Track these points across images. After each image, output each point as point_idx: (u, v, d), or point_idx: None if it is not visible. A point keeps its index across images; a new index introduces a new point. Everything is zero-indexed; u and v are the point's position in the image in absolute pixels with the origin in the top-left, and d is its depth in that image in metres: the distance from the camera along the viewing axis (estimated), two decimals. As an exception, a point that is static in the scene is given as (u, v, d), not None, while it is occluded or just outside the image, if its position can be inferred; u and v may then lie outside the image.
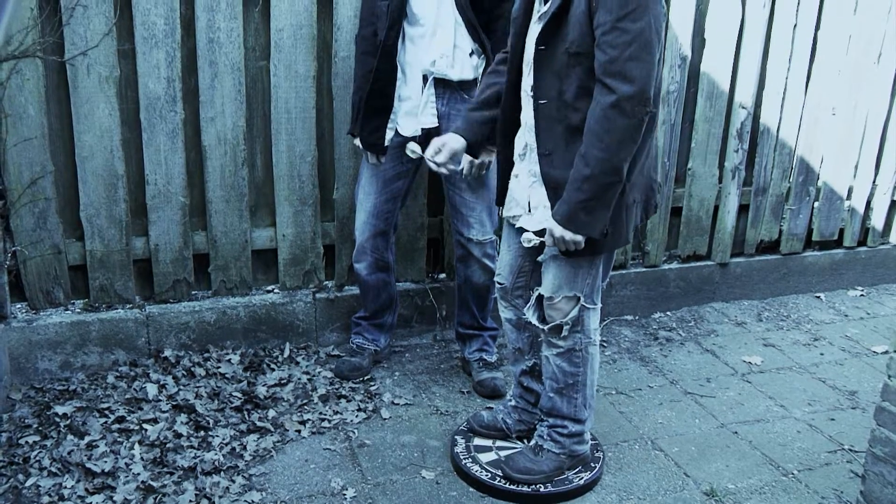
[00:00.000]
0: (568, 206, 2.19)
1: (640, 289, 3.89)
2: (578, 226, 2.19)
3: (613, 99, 2.08)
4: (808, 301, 4.23)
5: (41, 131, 2.90)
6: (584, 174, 2.14)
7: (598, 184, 2.14)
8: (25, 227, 2.97)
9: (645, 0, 2.08)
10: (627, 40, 2.06)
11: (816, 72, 4.00)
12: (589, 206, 2.17)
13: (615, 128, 2.10)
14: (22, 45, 2.79)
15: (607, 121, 2.10)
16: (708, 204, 3.94)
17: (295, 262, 3.35)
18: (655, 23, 2.10)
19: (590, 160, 2.13)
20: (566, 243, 2.23)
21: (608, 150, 2.11)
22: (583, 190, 2.15)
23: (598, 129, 2.11)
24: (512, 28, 2.38)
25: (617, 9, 2.06)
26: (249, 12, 3.06)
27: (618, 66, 2.07)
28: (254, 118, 3.18)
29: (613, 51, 2.07)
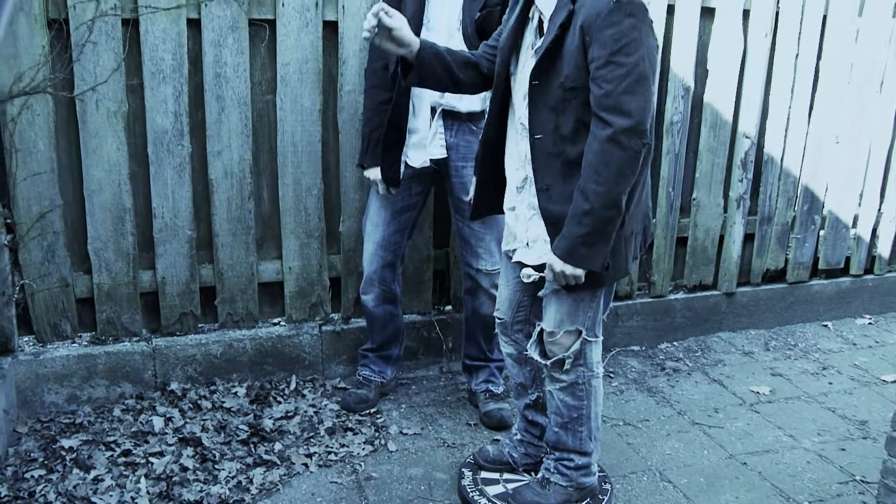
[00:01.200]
0: (568, 240, 2.19)
1: (647, 319, 3.88)
2: (579, 260, 2.20)
3: (610, 132, 2.09)
4: (816, 330, 4.21)
5: (50, 166, 2.93)
6: (583, 208, 2.15)
7: (598, 217, 2.15)
8: (34, 260, 2.99)
9: (638, 34, 2.10)
10: (622, 74, 2.08)
11: (819, 100, 4.03)
12: (589, 240, 2.17)
13: (613, 161, 2.11)
14: (33, 81, 2.83)
15: (605, 154, 2.11)
16: (713, 234, 3.94)
17: (301, 295, 3.36)
18: (649, 55, 2.12)
19: (589, 194, 2.13)
20: (567, 278, 2.23)
21: (607, 184, 2.12)
22: (583, 224, 2.16)
23: (596, 163, 2.12)
24: (498, 57, 2.39)
25: (611, 43, 2.08)
26: (256, 47, 3.10)
27: (613, 100, 2.09)
28: (260, 152, 3.21)
29: (609, 85, 2.08)
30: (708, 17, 3.69)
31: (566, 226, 2.20)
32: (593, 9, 2.10)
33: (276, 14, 3.06)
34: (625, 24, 2.08)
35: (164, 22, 2.94)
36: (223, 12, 2.99)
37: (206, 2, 2.97)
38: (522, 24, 2.34)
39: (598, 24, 2.08)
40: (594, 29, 2.09)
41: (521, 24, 2.34)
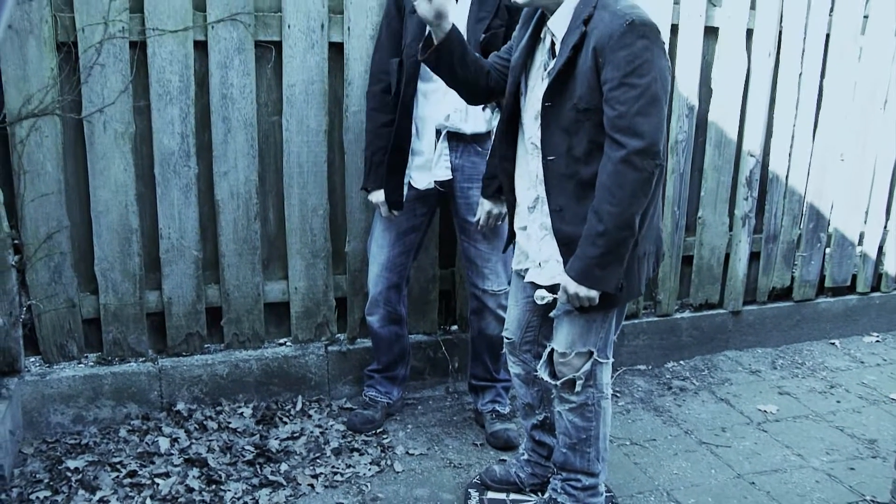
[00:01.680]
0: (582, 261, 2.19)
1: (653, 338, 3.87)
2: (593, 281, 2.20)
3: (623, 153, 2.10)
4: (823, 348, 4.20)
5: (58, 187, 2.95)
6: (597, 230, 2.15)
7: (612, 238, 2.15)
8: (41, 281, 3.00)
9: (651, 55, 2.11)
10: (635, 95, 2.09)
11: (823, 118, 4.03)
12: (603, 262, 2.17)
13: (626, 182, 2.11)
14: (42, 103, 2.86)
15: (618, 175, 2.12)
16: (719, 252, 3.94)
17: (307, 315, 3.36)
18: (661, 77, 2.14)
19: (603, 215, 2.14)
20: (581, 300, 2.23)
21: (620, 205, 2.13)
22: (597, 245, 2.16)
23: (609, 184, 2.13)
24: (510, 77, 2.40)
25: (624, 65, 2.09)
26: (262, 69, 3.12)
27: (626, 122, 2.10)
28: (266, 172, 3.22)
29: (622, 106, 2.10)
30: (711, 37, 3.71)
31: (580, 247, 2.20)
32: (606, 31, 2.11)
33: (281, 36, 3.08)
34: (637, 46, 2.09)
35: (171, 44, 2.96)
36: (229, 34, 3.02)
37: (212, 24, 2.99)
38: (534, 45, 2.36)
39: (610, 46, 2.10)
40: (607, 51, 2.11)
41: (533, 45, 2.36)
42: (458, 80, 2.44)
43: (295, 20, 3.07)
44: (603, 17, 2.15)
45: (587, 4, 2.19)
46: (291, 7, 3.06)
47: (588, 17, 2.17)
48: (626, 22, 2.10)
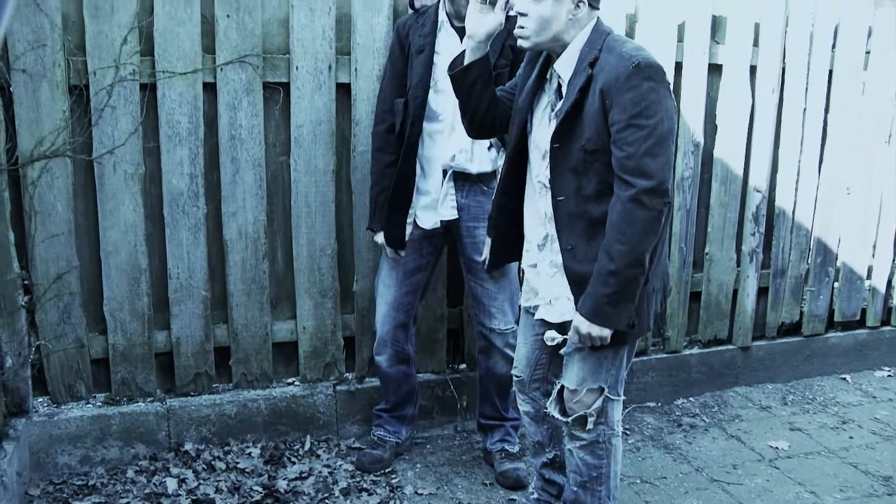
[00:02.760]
0: (594, 300, 2.20)
1: (662, 375, 3.85)
2: (605, 320, 2.20)
3: (632, 193, 2.12)
4: (834, 383, 4.17)
5: (68, 227, 2.97)
6: (608, 268, 2.16)
7: (623, 277, 2.16)
8: (50, 321, 3.01)
9: (657, 96, 2.14)
10: (643, 136, 2.11)
11: (829, 153, 4.05)
12: (615, 300, 2.18)
13: (636, 221, 2.13)
14: (53, 145, 2.89)
15: (628, 214, 2.14)
16: (727, 288, 3.93)
17: (315, 355, 3.35)
18: (668, 117, 2.16)
19: (613, 254, 2.15)
20: (593, 339, 2.23)
21: (630, 243, 2.14)
22: (608, 284, 2.17)
23: (619, 223, 2.15)
24: (517, 117, 2.42)
25: (631, 107, 2.11)
26: (270, 110, 3.15)
27: (635, 162, 2.12)
28: (274, 212, 3.24)
29: (630, 147, 2.12)
30: (715, 74, 3.74)
31: (591, 285, 2.21)
32: (612, 73, 2.14)
33: (290, 77, 3.12)
34: (644, 88, 2.12)
35: (180, 86, 3.00)
36: (238, 76, 3.06)
37: (221, 66, 3.03)
38: (540, 86, 2.38)
39: (617, 88, 2.13)
40: (614, 92, 2.13)
41: (539, 86, 2.38)
42: (471, 105, 2.45)
43: (303, 62, 3.11)
44: (609, 60, 2.17)
45: (593, 47, 2.22)
46: (299, 49, 3.10)
47: (594, 59, 2.20)
48: (632, 64, 2.13)
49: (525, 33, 2.25)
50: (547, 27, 2.22)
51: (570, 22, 2.23)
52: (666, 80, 2.19)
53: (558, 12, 2.21)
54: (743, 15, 3.71)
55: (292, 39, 3.09)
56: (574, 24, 2.24)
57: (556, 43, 2.26)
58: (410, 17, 2.98)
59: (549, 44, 2.27)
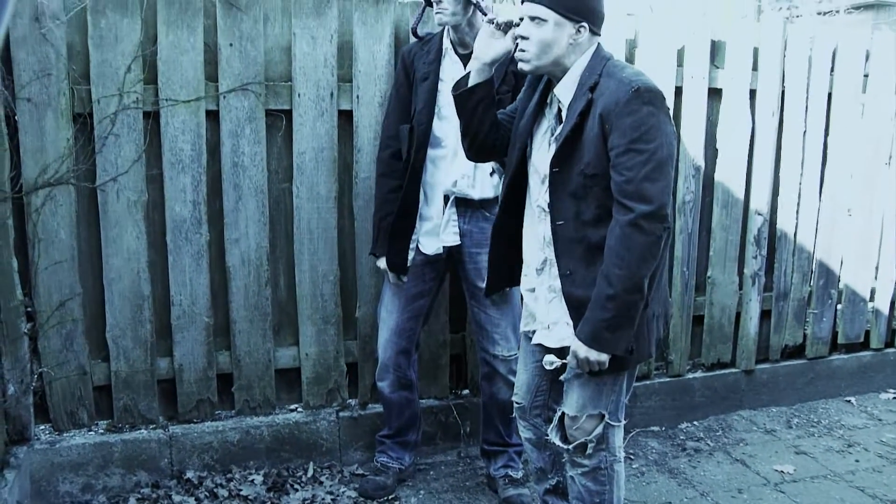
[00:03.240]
0: (592, 325, 2.19)
1: (666, 399, 3.84)
2: (603, 345, 2.19)
3: (631, 217, 2.12)
4: (839, 406, 4.15)
5: (71, 254, 2.98)
6: (607, 293, 2.16)
7: (622, 302, 2.16)
8: (53, 348, 3.01)
9: (656, 121, 2.15)
10: (642, 161, 2.12)
11: (829, 175, 4.07)
12: (613, 325, 2.17)
13: (635, 245, 2.13)
14: (57, 173, 2.91)
15: (626, 239, 2.14)
16: (730, 311, 3.93)
17: (318, 381, 3.35)
18: (667, 142, 2.17)
19: (612, 279, 2.15)
20: (591, 364, 2.22)
21: (629, 268, 2.14)
22: (607, 309, 2.17)
23: (618, 248, 2.15)
24: (517, 142, 2.43)
25: (630, 131, 2.12)
26: (272, 137, 3.17)
27: (634, 187, 2.12)
28: (277, 239, 3.25)
29: (629, 172, 2.12)
30: (715, 98, 3.76)
31: (589, 310, 2.21)
32: (612, 97, 2.15)
33: (292, 104, 3.14)
34: (643, 112, 2.13)
35: (183, 114, 3.03)
36: (241, 103, 3.08)
37: (224, 94, 3.06)
38: (540, 110, 2.39)
39: (616, 113, 2.14)
40: (613, 117, 2.14)
41: (539, 110, 2.39)
42: (473, 127, 2.47)
43: (305, 89, 3.13)
44: (609, 85, 2.19)
45: (593, 72, 2.24)
46: (301, 76, 3.12)
47: (594, 84, 2.21)
48: (631, 89, 2.14)
49: (526, 56, 2.26)
50: (548, 51, 2.24)
51: (571, 46, 2.25)
52: (665, 105, 2.20)
53: (559, 37, 2.23)
54: (742, 40, 3.74)
55: (294, 67, 3.12)
56: (575, 48, 2.26)
57: (557, 67, 2.27)
58: (415, 44, 3.01)
59: (549, 67, 2.28)
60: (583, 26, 2.24)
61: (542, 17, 2.22)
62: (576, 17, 2.22)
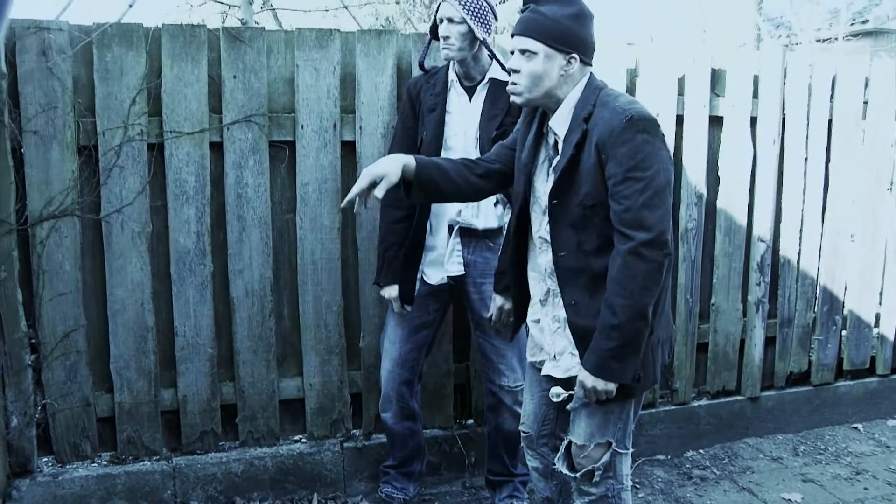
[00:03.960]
0: (598, 355, 2.19)
1: (671, 427, 3.82)
2: (610, 374, 2.19)
3: (631, 246, 2.13)
4: (846, 432, 4.13)
5: (75, 286, 2.99)
6: (611, 322, 2.16)
7: (626, 330, 2.16)
8: (56, 379, 3.01)
9: (651, 148, 2.16)
10: (639, 189, 2.13)
11: (831, 201, 4.07)
12: (619, 354, 2.17)
13: (636, 273, 2.14)
14: (62, 205, 2.93)
15: (627, 268, 2.14)
16: (734, 338, 3.92)
17: (322, 412, 3.34)
18: (664, 168, 2.17)
19: (616, 308, 2.15)
20: (598, 394, 2.22)
21: (632, 297, 2.14)
22: (612, 338, 2.17)
23: (619, 277, 2.15)
24: (521, 174, 2.43)
25: (626, 160, 2.13)
26: (276, 168, 3.19)
27: (632, 215, 2.13)
28: (280, 270, 3.26)
29: (627, 201, 2.13)
30: (717, 126, 3.78)
31: (595, 340, 2.21)
32: (606, 127, 2.16)
33: (295, 136, 3.16)
34: (638, 140, 2.14)
35: (187, 145, 3.05)
36: (244, 135, 3.10)
37: (228, 125, 3.08)
38: (538, 142, 2.41)
39: (612, 142, 2.15)
40: (608, 146, 2.15)
41: (538, 142, 2.41)
42: (452, 196, 2.51)
43: (308, 121, 3.16)
44: (603, 115, 2.20)
45: (587, 102, 2.25)
46: (304, 108, 3.15)
47: (588, 114, 2.22)
48: (625, 118, 2.15)
49: (518, 90, 2.27)
50: (539, 83, 2.25)
51: (563, 78, 2.26)
52: (660, 131, 2.21)
53: (550, 69, 2.24)
54: (742, 68, 3.77)
55: (297, 99, 3.14)
56: (567, 80, 2.26)
57: (550, 99, 2.28)
58: (420, 77, 3.03)
59: (542, 100, 2.29)
60: (573, 57, 2.24)
61: (531, 49, 2.23)
62: (565, 48, 2.23)
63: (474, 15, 2.80)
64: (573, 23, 2.24)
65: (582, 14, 2.27)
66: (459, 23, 2.80)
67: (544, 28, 2.22)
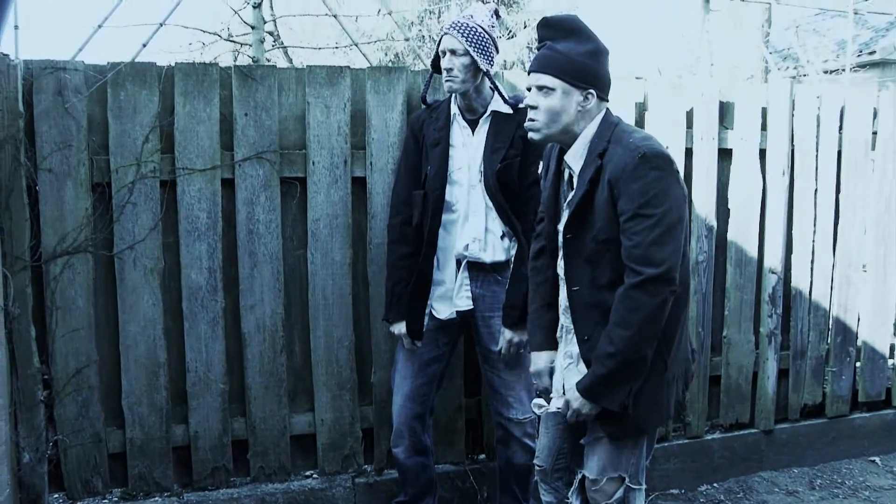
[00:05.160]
0: (589, 378, 2.24)
1: (684, 461, 3.78)
2: (595, 397, 2.23)
3: (638, 280, 2.15)
4: (863, 466, 4.07)
5: (88, 322, 3.01)
6: (607, 351, 2.19)
7: (621, 361, 2.18)
8: (69, 415, 3.02)
9: (664, 185, 2.17)
10: (650, 225, 2.14)
11: (842, 232, 4.06)
12: (608, 381, 2.21)
13: (639, 307, 2.15)
14: (76, 241, 2.95)
15: (632, 300, 2.16)
16: (747, 371, 3.89)
17: (334, 447, 3.32)
18: (676, 205, 2.19)
19: (614, 338, 2.17)
20: (580, 414, 2.26)
21: (631, 329, 2.16)
22: (605, 365, 2.20)
23: (622, 309, 2.18)
24: (546, 216, 2.47)
25: (638, 196, 2.15)
26: (287, 204, 3.21)
27: (641, 251, 2.14)
28: (292, 305, 3.26)
29: (637, 237, 2.15)
30: (726, 158, 3.78)
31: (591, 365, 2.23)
32: (620, 163, 2.18)
33: (306, 172, 3.19)
34: (650, 177, 2.15)
35: (199, 182, 3.08)
36: (256, 172, 3.13)
37: (239, 162, 3.11)
38: (559, 178, 2.42)
39: (624, 178, 2.16)
40: (621, 183, 2.17)
41: (558, 178, 2.42)
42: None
43: (319, 157, 3.19)
44: (617, 151, 2.22)
45: (602, 139, 2.27)
46: (315, 145, 3.18)
47: (603, 150, 2.24)
48: (638, 154, 2.17)
49: (535, 126, 2.30)
50: (557, 119, 2.27)
51: (580, 114, 2.28)
52: (674, 168, 2.22)
53: (567, 104, 2.26)
54: (750, 100, 3.78)
55: (308, 136, 3.18)
56: (584, 115, 2.29)
57: (567, 135, 2.31)
58: (423, 112, 3.06)
59: (559, 136, 2.31)
60: (590, 93, 2.27)
61: (549, 86, 2.26)
62: (583, 84, 2.26)
63: (477, 46, 2.83)
64: (590, 59, 2.27)
65: (598, 50, 2.30)
66: (462, 54, 2.83)
67: (561, 65, 2.26)
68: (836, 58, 11.05)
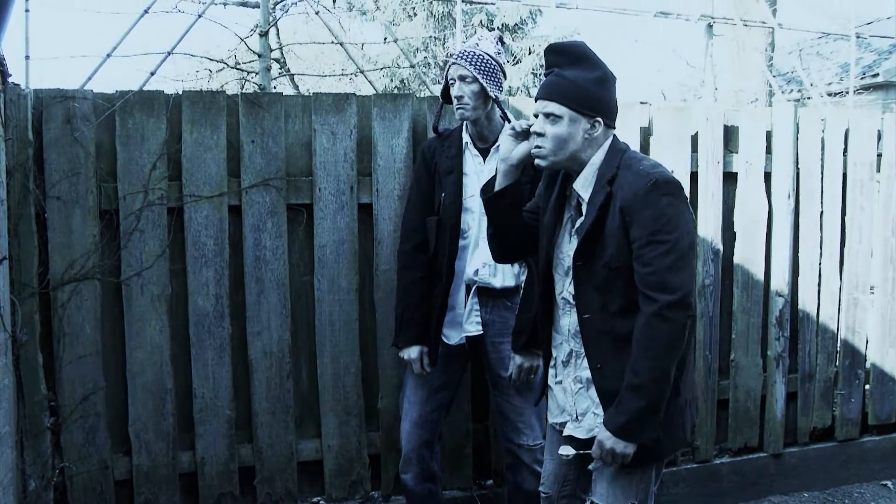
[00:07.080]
0: (621, 416, 2.19)
1: (693, 486, 3.75)
2: (629, 435, 2.18)
3: (656, 308, 2.14)
4: (875, 490, 4.04)
5: (95, 348, 3.01)
6: (634, 383, 2.16)
7: (649, 392, 2.16)
8: (75, 442, 3.01)
9: (676, 211, 2.17)
10: (664, 251, 2.14)
11: (849, 254, 4.06)
12: (641, 416, 2.17)
13: (660, 336, 2.14)
14: (83, 268, 2.97)
15: (652, 329, 2.15)
16: (755, 394, 3.88)
17: (341, 473, 3.31)
18: (688, 231, 2.19)
19: (640, 370, 2.15)
20: (615, 456, 2.20)
21: (656, 358, 2.15)
22: (635, 399, 2.16)
23: (644, 339, 2.16)
24: (545, 237, 2.45)
25: (650, 223, 2.15)
26: (294, 230, 3.22)
27: (657, 278, 2.14)
28: (298, 331, 3.26)
29: (652, 264, 2.15)
30: (731, 182, 3.79)
31: (618, 402, 2.20)
32: (630, 190, 2.18)
33: (312, 199, 3.20)
34: (662, 204, 2.16)
35: (206, 209, 3.09)
36: (262, 198, 3.14)
37: (246, 189, 3.13)
38: (562, 204, 2.42)
39: (636, 206, 2.17)
40: (633, 210, 2.17)
41: (561, 204, 2.42)
42: (501, 230, 2.51)
43: (325, 183, 3.20)
44: (627, 178, 2.22)
45: (611, 165, 2.27)
46: (322, 171, 3.20)
47: (612, 177, 2.24)
48: (650, 181, 2.17)
49: (542, 153, 2.30)
50: (564, 147, 2.27)
51: (587, 141, 2.28)
52: (683, 194, 2.23)
53: (574, 132, 2.27)
54: (755, 124, 3.80)
55: (315, 162, 3.20)
56: (591, 142, 2.29)
57: (574, 162, 2.30)
58: (434, 140, 3.08)
59: (566, 163, 2.31)
60: (597, 121, 2.28)
61: (556, 113, 2.26)
62: (590, 112, 2.27)
63: (485, 73, 2.85)
64: (597, 87, 2.28)
65: (605, 78, 2.31)
66: (472, 82, 2.85)
67: (568, 92, 2.26)
68: (839, 81, 11.08)
